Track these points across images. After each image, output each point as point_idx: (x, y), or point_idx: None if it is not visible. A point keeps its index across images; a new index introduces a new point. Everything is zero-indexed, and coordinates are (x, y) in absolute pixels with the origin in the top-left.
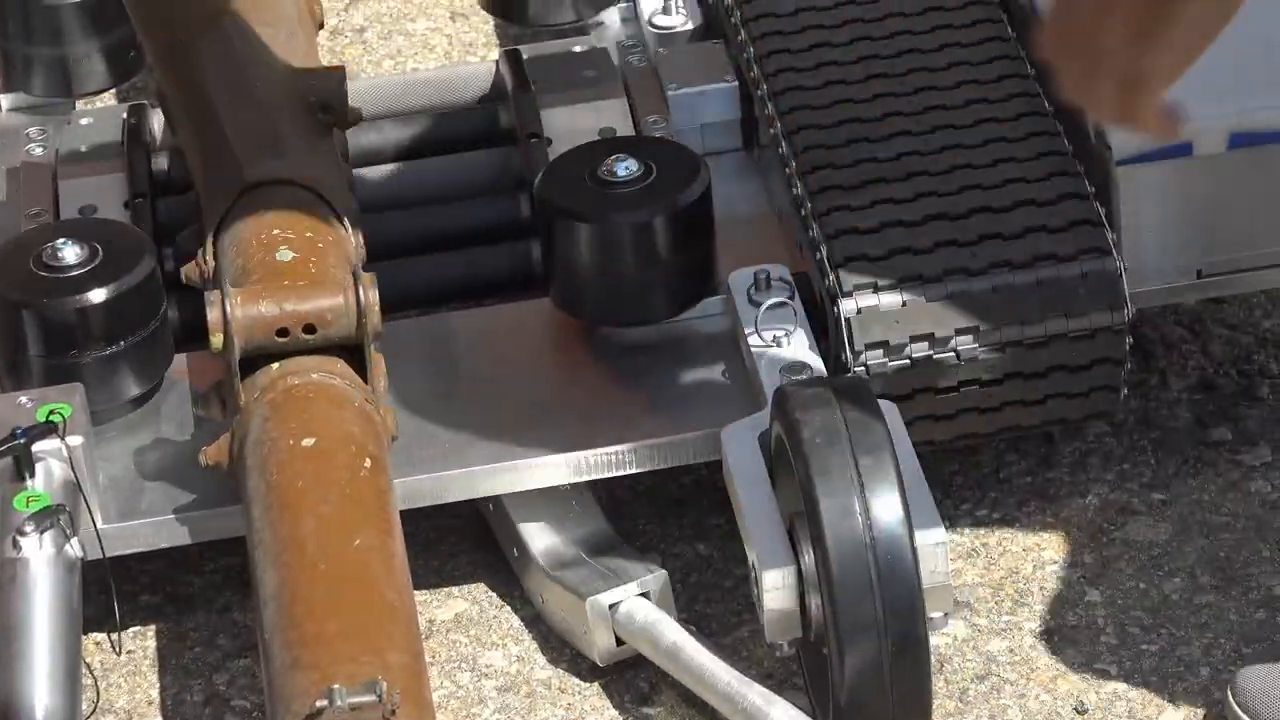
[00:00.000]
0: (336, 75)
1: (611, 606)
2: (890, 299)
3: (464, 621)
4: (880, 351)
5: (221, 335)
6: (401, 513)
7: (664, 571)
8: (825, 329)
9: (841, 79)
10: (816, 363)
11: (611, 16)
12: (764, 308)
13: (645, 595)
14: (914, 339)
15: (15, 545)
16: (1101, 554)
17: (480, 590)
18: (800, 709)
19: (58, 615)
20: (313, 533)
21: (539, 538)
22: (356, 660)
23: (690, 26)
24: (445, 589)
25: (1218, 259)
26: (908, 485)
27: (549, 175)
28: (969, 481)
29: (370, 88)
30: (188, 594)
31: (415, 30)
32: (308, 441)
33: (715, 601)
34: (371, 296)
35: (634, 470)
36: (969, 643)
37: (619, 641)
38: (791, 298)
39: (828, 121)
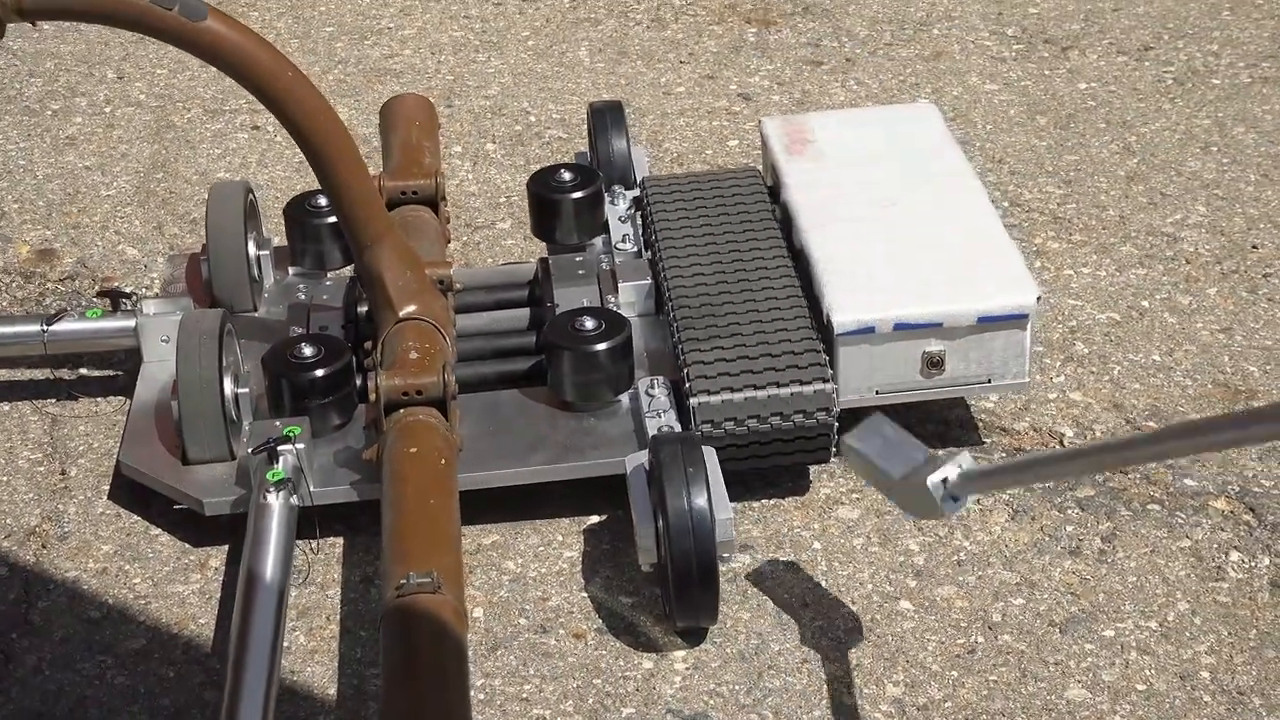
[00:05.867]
0: (449, 266)
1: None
2: (717, 399)
3: (493, 546)
4: (710, 425)
5: (375, 395)
6: (461, 492)
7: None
8: (685, 410)
9: (703, 280)
10: (678, 426)
11: (595, 242)
12: (653, 398)
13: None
14: (725, 419)
15: (264, 498)
16: (823, 522)
17: (504, 527)
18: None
19: (284, 532)
20: (410, 494)
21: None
22: (424, 561)
23: (634, 249)
24: (483, 526)
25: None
26: (713, 485)
27: (553, 324)
28: (758, 485)
29: (468, 272)
30: (357, 525)
31: (504, 245)
32: (413, 449)
33: (622, 553)
34: (451, 379)
35: (583, 477)
36: (749, 565)
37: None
38: (668, 394)
39: (694, 303)
